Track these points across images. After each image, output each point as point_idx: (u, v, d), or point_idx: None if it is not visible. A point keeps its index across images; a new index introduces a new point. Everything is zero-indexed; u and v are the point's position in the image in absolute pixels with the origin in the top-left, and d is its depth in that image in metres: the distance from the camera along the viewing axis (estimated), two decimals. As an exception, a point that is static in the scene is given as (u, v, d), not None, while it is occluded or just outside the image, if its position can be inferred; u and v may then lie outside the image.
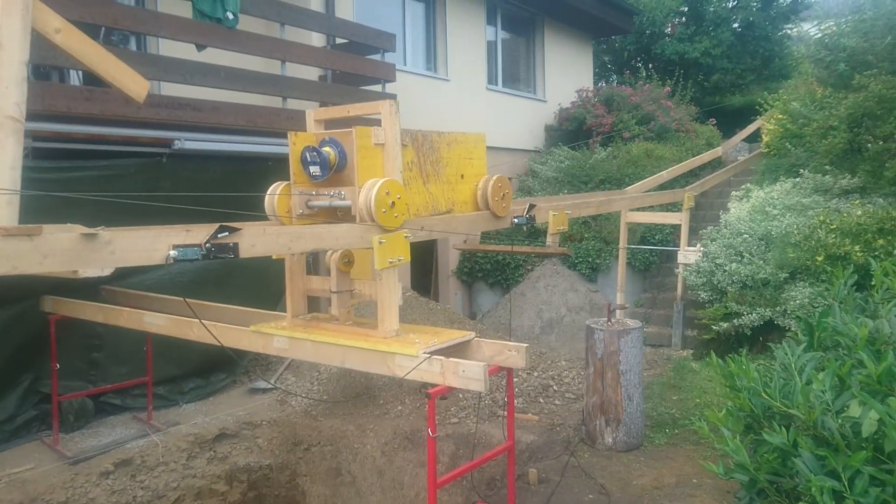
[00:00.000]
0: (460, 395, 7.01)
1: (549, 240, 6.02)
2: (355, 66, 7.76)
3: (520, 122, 13.08)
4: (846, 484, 1.95)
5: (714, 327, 8.07)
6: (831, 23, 9.69)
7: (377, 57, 8.29)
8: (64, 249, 2.64)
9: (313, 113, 4.42)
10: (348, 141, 3.86)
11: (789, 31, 19.18)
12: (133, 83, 3.45)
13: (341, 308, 4.51)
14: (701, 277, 8.61)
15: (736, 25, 17.92)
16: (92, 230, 2.70)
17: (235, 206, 3.64)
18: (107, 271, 2.75)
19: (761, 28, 17.70)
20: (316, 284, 4.75)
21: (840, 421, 2.12)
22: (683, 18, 17.95)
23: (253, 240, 3.36)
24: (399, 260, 4.13)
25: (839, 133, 8.41)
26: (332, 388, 7.58)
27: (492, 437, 6.17)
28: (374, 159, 3.91)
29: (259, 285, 7.49)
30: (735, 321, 7.82)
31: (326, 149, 3.88)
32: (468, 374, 3.70)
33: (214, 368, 7.62)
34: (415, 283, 10.62)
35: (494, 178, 4.72)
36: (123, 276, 6.01)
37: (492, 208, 4.72)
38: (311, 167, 3.89)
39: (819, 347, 2.89)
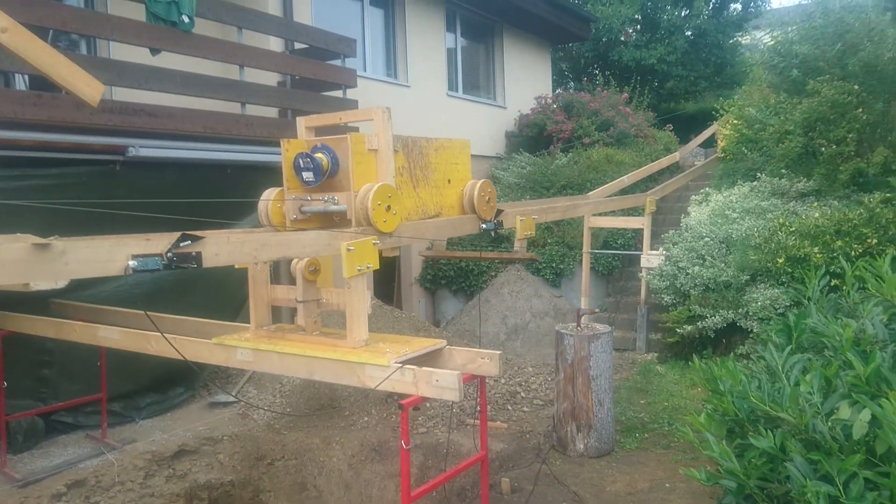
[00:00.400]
0: (428, 404, 6.90)
1: (516, 245, 5.97)
2: (316, 71, 7.61)
3: (481, 128, 13.07)
4: (841, 488, 1.92)
5: (678, 330, 8.13)
6: (784, 30, 9.93)
7: (338, 62, 8.16)
8: (14, 261, 2.46)
9: (304, 120, 4.44)
10: (341, 147, 3.94)
11: (740, 40, 19.67)
12: (86, 86, 3.27)
13: (308, 318, 4.37)
14: (664, 281, 8.68)
15: (689, 33, 18.28)
16: (44, 240, 2.53)
17: (194, 215, 3.49)
18: (61, 284, 2.57)
19: (713, 36, 18.10)
20: (281, 294, 4.60)
21: (830, 424, 2.09)
22: (639, 26, 18.24)
23: (216, 248, 3.21)
24: (367, 267, 4.02)
25: (795, 137, 8.59)
26: (296, 401, 7.40)
27: (461, 446, 6.07)
28: (367, 165, 3.99)
29: (219, 295, 7.29)
30: (699, 324, 7.89)
31: (319, 155, 3.93)
32: (442, 384, 3.60)
33: (172, 382, 7.37)
34: (377, 291, 10.48)
35: (480, 182, 4.80)
36: (76, 288, 5.75)
37: (478, 212, 4.82)
38: (304, 173, 3.95)
39: (797, 349, 2.88)
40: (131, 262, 2.83)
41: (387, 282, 11.48)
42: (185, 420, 7.03)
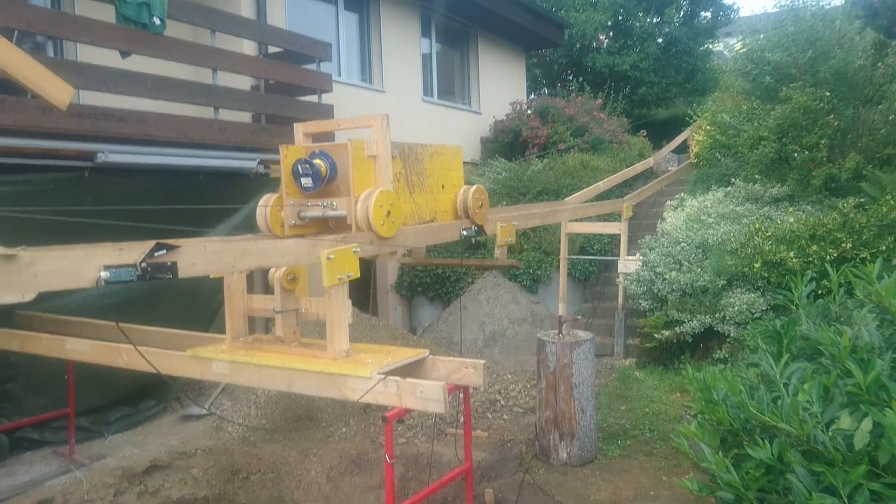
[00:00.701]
0: (407, 414, 6.80)
1: (497, 252, 5.91)
2: (291, 76, 7.49)
3: (456, 134, 13.02)
4: (846, 500, 1.88)
5: (656, 335, 8.14)
6: (756, 38, 10.05)
7: (312, 67, 8.04)
8: (-23, 273, 2.33)
9: (302, 126, 4.47)
10: (339, 153, 3.98)
11: (712, 48, 19.94)
12: (55, 89, 3.13)
13: (286, 328, 4.26)
14: (641, 286, 8.69)
15: (661, 40, 18.46)
16: (10, 250, 2.39)
17: (166, 223, 3.37)
18: (28, 297, 2.44)
19: (684, 43, 18.30)
20: (258, 304, 4.48)
21: (831, 434, 2.04)
22: (611, 33, 18.38)
23: (193, 258, 3.09)
24: (348, 276, 3.93)
25: (769, 143, 8.67)
26: (272, 412, 7.24)
27: (441, 456, 5.98)
28: (367, 171, 4.04)
29: (192, 305, 7.11)
30: (677, 329, 7.91)
31: (317, 161, 3.97)
32: (427, 395, 3.51)
33: (143, 395, 7.17)
34: (353, 299, 10.34)
35: (474, 187, 4.90)
36: (42, 298, 5.52)
37: (472, 216, 4.88)
38: (302, 179, 3.99)
39: (789, 357, 2.85)
40: (103, 274, 2.70)
41: (362, 289, 11.35)
42: (157, 434, 6.84)
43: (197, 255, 3.11)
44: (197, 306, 7.40)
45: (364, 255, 4.04)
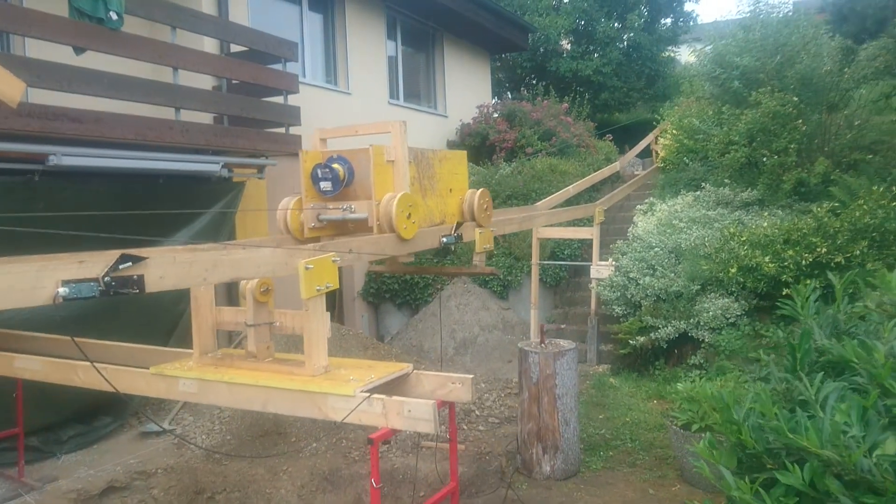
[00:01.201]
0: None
1: (475, 259, 5.72)
2: (256, 75, 7.17)
3: (422, 137, 12.80)
4: (900, 535, 1.73)
5: (631, 342, 8.04)
6: (722, 42, 10.08)
7: (278, 67, 7.74)
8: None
9: (319, 131, 4.66)
10: (357, 158, 4.13)
11: (673, 55, 20.16)
12: (5, 85, 2.82)
13: (259, 343, 3.98)
14: (615, 292, 8.60)
15: (623, 45, 18.56)
16: (-47, 266, 2.09)
17: (123, 230, 3.08)
18: (-25, 318, 2.14)
19: (647, 49, 18.44)
20: (227, 317, 4.19)
21: (876, 459, 1.89)
22: (574, 38, 18.41)
23: (161, 270, 2.81)
24: (327, 287, 3.69)
25: (740, 148, 8.68)
26: (237, 428, 6.92)
27: (417, 470, 5.75)
28: (385, 175, 4.16)
29: (150, 316, 6.75)
30: (652, 335, 7.82)
31: (336, 165, 4.11)
32: (415, 414, 3.29)
33: (98, 412, 6.80)
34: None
35: (479, 191, 5.00)
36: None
37: (477, 219, 5.00)
38: (321, 183, 4.13)
39: (803, 371, 2.71)
40: (61, 290, 2.42)
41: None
42: (114, 453, 6.48)
43: (165, 267, 2.84)
44: (156, 318, 7.04)
45: (342, 264, 3.80)
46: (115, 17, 5.61)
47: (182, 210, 6.58)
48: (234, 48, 7.76)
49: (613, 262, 8.86)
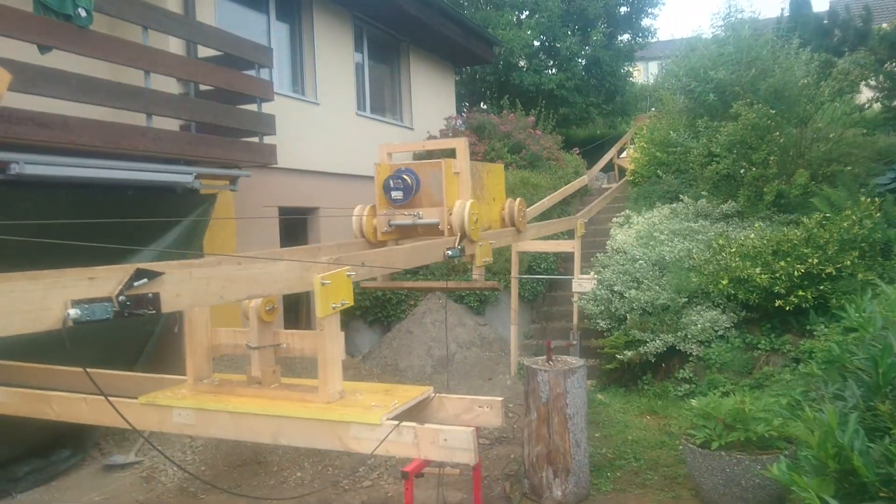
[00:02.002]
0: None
1: (475, 273, 5.45)
2: (230, 81, 6.77)
3: (390, 150, 12.50)
4: None
5: (618, 356, 7.88)
6: (693, 56, 10.12)
7: (252, 73, 7.35)
8: None
9: (385, 147, 5.22)
10: (424, 170, 4.67)
11: (632, 69, 20.44)
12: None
13: (265, 368, 3.60)
14: (598, 305, 8.44)
15: (584, 61, 18.68)
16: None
17: (91, 248, 2.70)
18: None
19: (608, 64, 18.60)
20: (225, 339, 3.80)
21: None
22: (538, 52, 18.45)
23: (177, 287, 2.45)
24: (343, 304, 3.35)
25: (722, 160, 8.66)
26: (212, 457, 6.45)
27: (415, 499, 5.40)
28: (453, 185, 4.65)
29: (114, 337, 6.22)
30: (640, 349, 7.67)
31: (405, 176, 4.56)
32: (453, 444, 2.97)
33: (56, 444, 6.26)
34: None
35: (518, 200, 5.40)
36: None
37: (516, 224, 5.43)
38: (393, 192, 4.60)
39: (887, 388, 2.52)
40: (72, 311, 2.04)
41: (291, 310, 10.56)
42: (76, 489, 5.96)
43: (182, 285, 2.48)
44: (119, 340, 6.52)
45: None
46: (83, 13, 5.18)
47: (159, 220, 6.12)
48: (206, 52, 7.35)
49: (595, 276, 8.71)
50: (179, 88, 7.26)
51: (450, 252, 4.81)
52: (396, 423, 3.08)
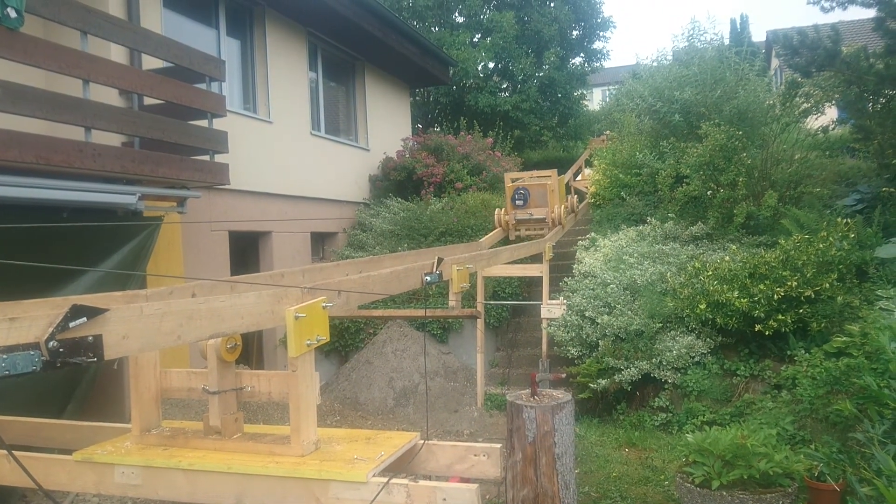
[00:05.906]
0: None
1: (452, 300, 5.06)
2: (179, 93, 6.23)
3: (344, 171, 12.04)
4: None
5: (591, 385, 7.54)
6: (656, 78, 10.04)
7: (202, 86, 6.83)
8: None
9: (510, 175, 10.08)
10: (530, 186, 9.53)
11: (584, 93, 20.52)
12: None
13: (226, 415, 3.10)
14: (569, 332, 8.11)
15: (537, 83, 18.61)
16: None
17: (16, 278, 2.19)
18: None
19: (561, 86, 18.59)
20: (177, 382, 3.29)
21: None
22: (496, 75, 18.33)
23: (124, 327, 1.97)
24: (319, 340, 2.91)
25: (693, 181, 8.50)
26: (157, 507, 5.78)
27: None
28: (553, 196, 9.39)
29: (33, 382, 5.51)
30: (616, 377, 7.35)
31: (522, 191, 9.42)
32: (453, 503, 2.55)
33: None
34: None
35: (571, 196, 9.46)
36: None
37: (563, 225, 9.19)
38: (517, 201, 9.50)
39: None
40: (-14, 363, 1.56)
41: (242, 342, 9.92)
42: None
43: (130, 324, 2.00)
44: (45, 382, 5.84)
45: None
46: (13, 14, 4.61)
47: (97, 247, 5.51)
48: (147, 63, 6.81)
49: (564, 301, 8.39)
50: (122, 101, 6.70)
51: (428, 278, 4.42)
52: (385, 479, 2.64)
